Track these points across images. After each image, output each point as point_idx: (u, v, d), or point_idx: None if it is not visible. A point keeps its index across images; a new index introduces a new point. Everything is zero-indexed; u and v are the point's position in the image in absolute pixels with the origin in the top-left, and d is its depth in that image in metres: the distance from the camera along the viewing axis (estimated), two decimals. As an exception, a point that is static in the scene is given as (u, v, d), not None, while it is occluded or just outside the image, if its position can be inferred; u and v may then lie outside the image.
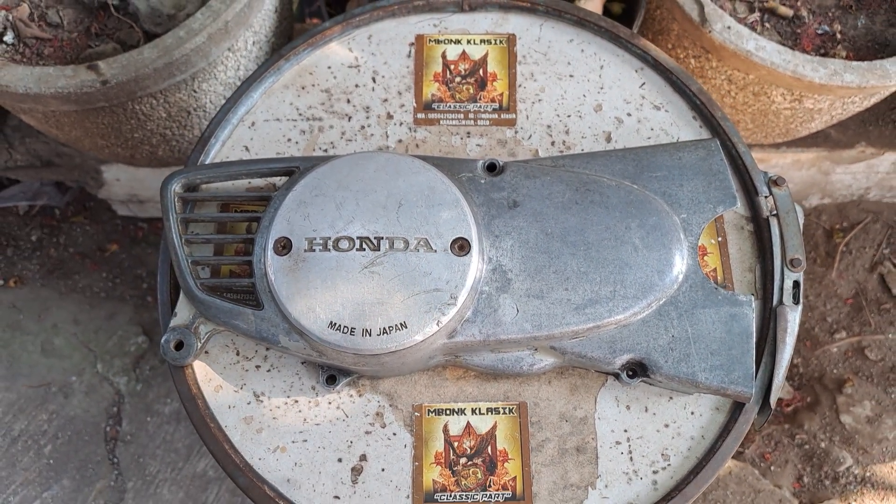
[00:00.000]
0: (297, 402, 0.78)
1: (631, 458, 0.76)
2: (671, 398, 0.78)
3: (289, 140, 0.86)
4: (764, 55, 1.11)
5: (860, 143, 1.52)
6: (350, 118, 0.87)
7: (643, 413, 0.78)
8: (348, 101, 0.87)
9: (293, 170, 0.79)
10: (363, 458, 0.76)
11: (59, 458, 1.49)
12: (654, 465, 0.76)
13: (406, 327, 0.71)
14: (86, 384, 1.54)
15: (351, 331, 0.71)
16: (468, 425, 0.77)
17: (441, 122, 0.87)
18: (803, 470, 1.53)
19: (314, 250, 0.73)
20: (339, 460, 0.76)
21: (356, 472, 0.75)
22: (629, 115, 0.88)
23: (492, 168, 0.79)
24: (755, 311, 0.77)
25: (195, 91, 1.13)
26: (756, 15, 1.22)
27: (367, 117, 0.87)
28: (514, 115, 0.87)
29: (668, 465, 0.76)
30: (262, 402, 0.78)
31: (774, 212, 0.83)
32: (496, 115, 0.87)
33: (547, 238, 0.76)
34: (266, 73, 0.87)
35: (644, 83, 0.89)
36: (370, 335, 0.71)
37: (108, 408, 1.53)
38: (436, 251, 0.73)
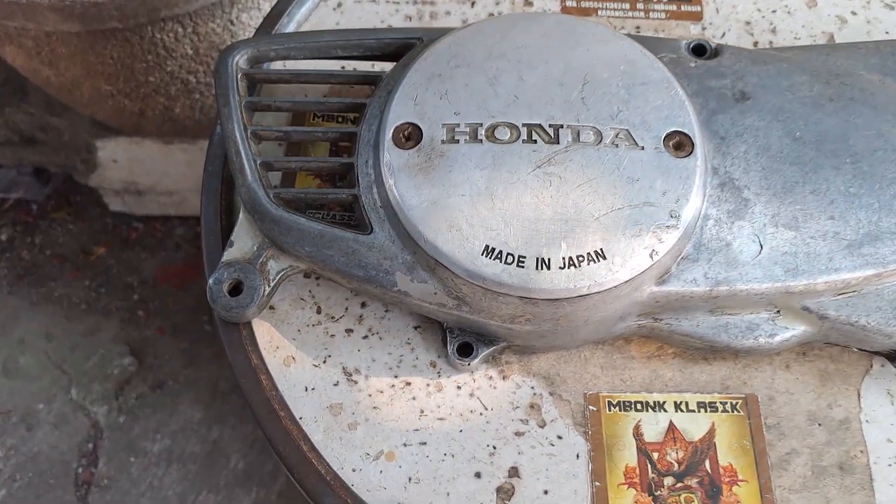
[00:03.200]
0: (409, 384, 0.51)
1: (925, 483, 0.50)
2: (974, 394, 0.52)
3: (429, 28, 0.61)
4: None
5: None
6: (474, 3, 0.62)
7: (936, 415, 0.51)
8: (473, -17, 0.63)
9: (412, 44, 0.54)
10: (514, 472, 0.49)
11: (16, 508, 1.18)
12: (963, 495, 0.49)
13: (604, 258, 0.45)
14: (55, 413, 1.25)
15: (518, 260, 0.45)
16: (672, 427, 0.51)
17: (599, 11, 0.62)
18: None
19: (457, 141, 0.47)
20: (478, 475, 0.49)
21: (504, 495, 0.48)
22: (854, 13, 0.64)
23: (699, 51, 0.54)
24: None
25: (232, 22, 0.89)
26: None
27: (498, 3, 0.62)
28: (699, 7, 0.63)
29: (984, 494, 0.50)
30: (355, 382, 0.51)
31: None
32: (675, 7, 0.63)
33: (796, 144, 0.51)
34: (359, -60, 0.63)
35: (869, -23, 0.65)
36: (548, 267, 0.45)
37: (82, 444, 1.23)
38: (643, 148, 0.48)
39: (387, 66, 0.54)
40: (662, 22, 0.62)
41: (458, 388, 0.51)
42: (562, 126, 0.48)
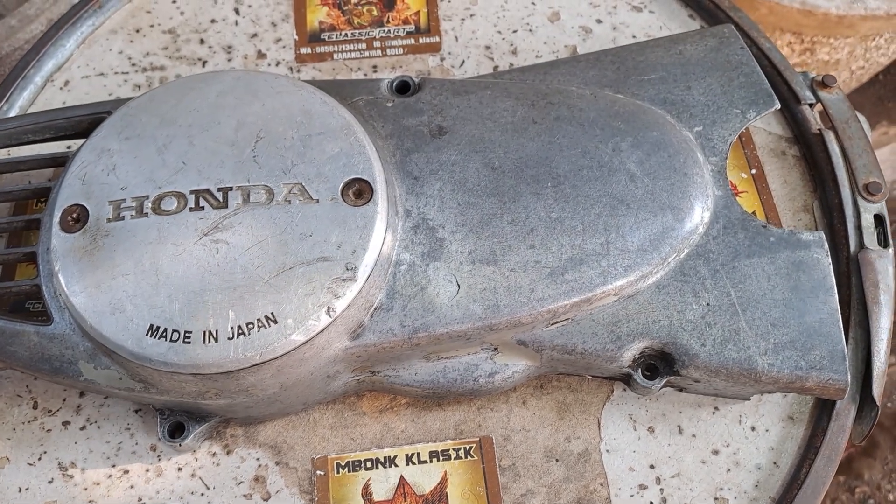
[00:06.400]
0: (127, 472, 0.49)
1: (667, 510, 0.47)
2: (716, 409, 0.50)
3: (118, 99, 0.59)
4: (763, -15, 0.88)
5: (881, 124, 1.27)
6: (205, 63, 0.61)
7: (676, 436, 0.49)
8: (202, 42, 0.61)
9: (103, 118, 0.52)
10: (235, 553, 0.47)
11: None
12: (706, 517, 0.47)
13: (276, 322, 0.43)
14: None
15: (184, 336, 0.43)
16: (402, 482, 0.48)
17: (335, 56, 0.61)
18: (872, 529, 1.21)
19: (123, 218, 0.46)
20: (196, 561, 0.46)
21: (224, 578, 0.46)
22: (599, 21, 0.62)
23: (403, 89, 0.53)
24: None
25: None
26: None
27: (230, 59, 0.61)
28: (437, 38, 0.62)
29: (728, 514, 0.47)
30: (71, 477, 0.49)
31: (828, 124, 0.56)
32: (412, 41, 0.61)
33: (494, 174, 0.49)
34: (82, 14, 0.61)
35: (615, -16, 0.64)
36: (216, 340, 0.43)
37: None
38: (317, 201, 0.46)
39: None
40: (400, 58, 0.61)
41: (179, 469, 0.49)
42: (231, 188, 0.46)
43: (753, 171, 0.56)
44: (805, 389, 0.46)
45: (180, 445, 0.48)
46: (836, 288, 0.47)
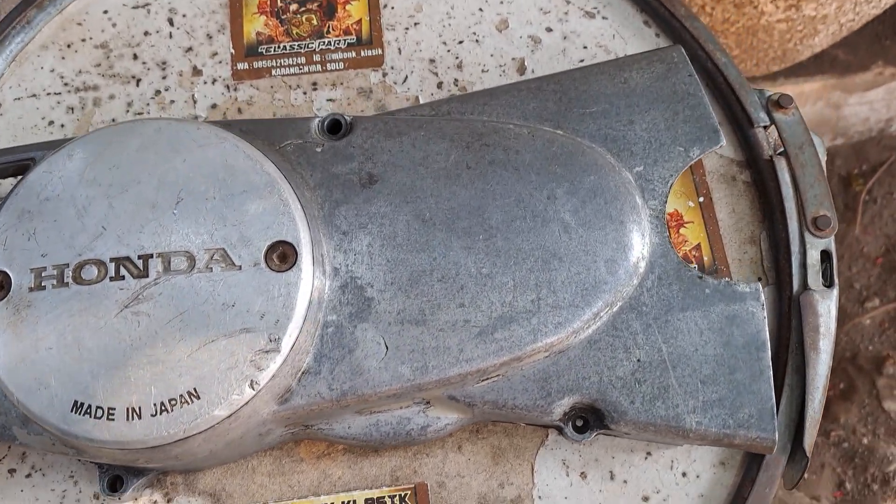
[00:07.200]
0: (71, 521, 0.50)
1: (595, 558, 0.48)
2: (649, 454, 0.50)
3: (51, 124, 0.58)
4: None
5: (876, 64, 1.23)
6: (139, 81, 0.58)
7: (608, 482, 0.50)
8: (135, 58, 0.59)
9: (26, 165, 0.51)
10: None
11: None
12: (633, 565, 0.48)
13: (198, 398, 0.43)
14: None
15: (108, 413, 0.43)
16: (338, 530, 0.50)
17: (273, 71, 0.59)
18: (844, 474, 1.24)
19: (43, 287, 0.45)
20: None
21: None
22: (549, 30, 0.59)
23: (335, 128, 0.51)
24: (766, 307, 0.48)
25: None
26: None
27: (165, 77, 0.58)
28: (379, 51, 0.59)
29: (655, 562, 0.48)
30: (17, 526, 0.50)
31: (781, 149, 0.54)
32: (353, 54, 0.59)
33: (424, 227, 0.48)
34: (11, 30, 0.59)
35: (569, -16, 0.60)
36: (138, 417, 0.43)
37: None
38: (240, 267, 0.45)
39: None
40: (341, 73, 0.59)
41: (122, 517, 0.50)
42: (151, 256, 0.45)
43: (701, 200, 0.55)
44: (733, 445, 0.47)
45: (120, 498, 0.49)
46: (768, 343, 0.47)
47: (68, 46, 0.59)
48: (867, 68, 1.23)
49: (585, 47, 0.58)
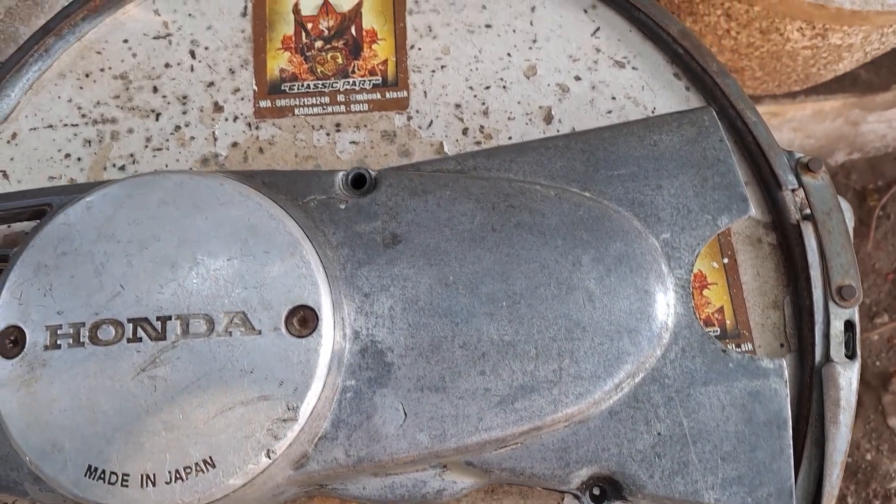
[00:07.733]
0: (81, 570, 0.50)
1: None
2: (665, 523, 0.50)
3: (67, 157, 0.57)
4: (772, -23, 0.81)
5: (897, 84, 1.21)
6: (158, 115, 0.57)
7: (622, 550, 0.50)
8: (155, 91, 0.58)
9: (43, 210, 0.50)
10: None
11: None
12: None
13: (213, 466, 0.43)
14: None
15: (122, 479, 0.43)
16: (349, 588, 0.49)
17: (296, 111, 0.58)
18: (846, 489, 1.25)
19: (59, 346, 0.44)
20: None
21: None
22: (578, 78, 0.58)
23: (359, 182, 0.50)
24: (788, 380, 0.48)
25: None
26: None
27: (185, 112, 0.57)
28: (405, 93, 0.58)
29: None
30: (27, 574, 0.50)
31: (808, 212, 0.54)
32: (378, 95, 0.58)
33: (447, 291, 0.47)
34: (28, 58, 0.58)
35: (598, 28, 0.59)
36: (153, 484, 0.43)
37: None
38: (260, 332, 0.44)
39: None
40: (365, 115, 0.57)
41: (133, 566, 0.50)
42: (170, 318, 0.44)
43: (726, 261, 0.54)
44: (751, 523, 0.46)
45: (131, 551, 0.49)
46: (790, 422, 0.46)
47: (87, 76, 0.58)
48: (888, 88, 1.22)
49: (614, 98, 0.57)
